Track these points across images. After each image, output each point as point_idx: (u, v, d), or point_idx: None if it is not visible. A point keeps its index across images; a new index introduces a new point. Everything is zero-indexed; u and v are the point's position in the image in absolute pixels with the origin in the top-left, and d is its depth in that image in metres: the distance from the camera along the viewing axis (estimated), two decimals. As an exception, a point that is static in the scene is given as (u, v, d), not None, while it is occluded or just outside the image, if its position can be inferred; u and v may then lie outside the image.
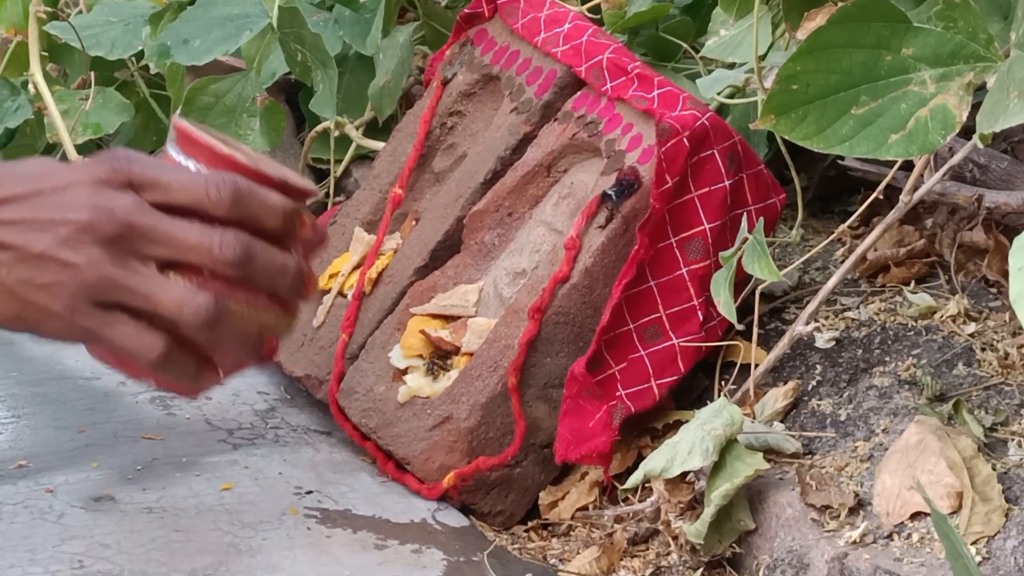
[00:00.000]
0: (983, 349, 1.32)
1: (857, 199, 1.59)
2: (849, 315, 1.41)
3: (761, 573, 1.20)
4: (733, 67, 1.57)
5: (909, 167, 1.35)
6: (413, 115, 1.59)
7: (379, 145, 1.72)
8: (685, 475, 1.24)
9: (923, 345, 1.34)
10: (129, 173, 0.93)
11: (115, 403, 1.48)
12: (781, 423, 1.31)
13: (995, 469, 1.17)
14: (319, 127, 1.83)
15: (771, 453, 1.27)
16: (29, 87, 1.90)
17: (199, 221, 0.93)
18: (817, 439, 1.28)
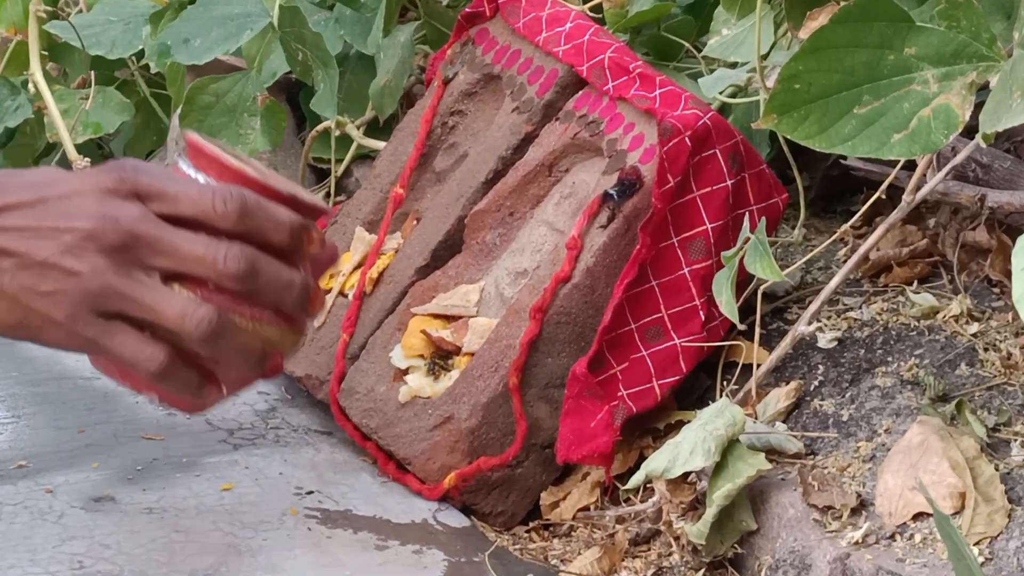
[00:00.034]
0: (986, 349, 1.32)
1: (859, 199, 1.58)
2: (851, 315, 1.40)
3: (763, 574, 1.20)
4: (735, 66, 1.57)
5: (912, 167, 1.34)
6: (414, 114, 1.59)
7: (380, 145, 1.72)
8: (687, 475, 1.24)
9: (926, 345, 1.34)
10: (136, 183, 0.93)
11: (115, 403, 1.48)
12: (783, 423, 1.31)
13: (998, 469, 1.17)
14: (320, 126, 1.82)
15: (773, 453, 1.27)
16: (29, 86, 1.90)
17: (205, 233, 0.92)
18: (819, 439, 1.28)
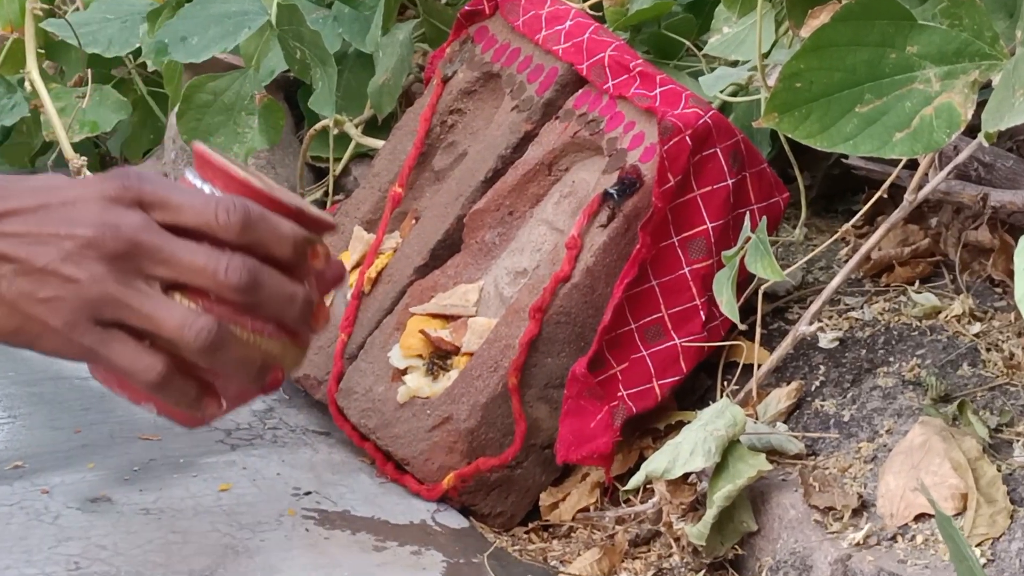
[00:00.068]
0: (988, 349, 1.32)
1: (861, 198, 1.58)
2: (853, 315, 1.40)
3: (764, 575, 1.20)
4: (736, 65, 1.57)
5: (913, 166, 1.34)
6: (413, 113, 1.59)
7: (379, 143, 1.71)
8: (687, 476, 1.24)
9: (927, 345, 1.33)
10: (139, 191, 0.92)
11: (111, 403, 1.48)
12: (784, 424, 1.31)
13: (1000, 470, 1.16)
14: (318, 125, 1.82)
15: (774, 454, 1.26)
16: (25, 85, 1.90)
17: (208, 244, 0.92)
18: (820, 440, 1.28)
